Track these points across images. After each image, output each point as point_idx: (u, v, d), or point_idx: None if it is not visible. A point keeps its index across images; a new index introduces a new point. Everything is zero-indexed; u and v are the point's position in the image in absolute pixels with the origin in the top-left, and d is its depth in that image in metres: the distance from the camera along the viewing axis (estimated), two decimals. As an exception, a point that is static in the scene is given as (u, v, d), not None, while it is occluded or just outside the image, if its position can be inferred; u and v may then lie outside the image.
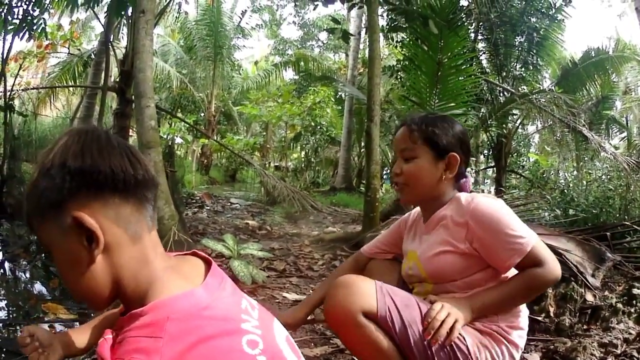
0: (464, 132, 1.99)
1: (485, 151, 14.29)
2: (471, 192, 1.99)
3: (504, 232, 1.72)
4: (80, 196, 0.90)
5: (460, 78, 6.99)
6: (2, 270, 5.86)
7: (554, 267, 1.73)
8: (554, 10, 11.31)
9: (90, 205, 0.90)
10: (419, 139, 1.91)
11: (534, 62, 11.60)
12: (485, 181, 18.02)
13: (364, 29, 16.76)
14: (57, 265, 0.97)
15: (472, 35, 10.74)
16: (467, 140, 2.02)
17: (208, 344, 0.85)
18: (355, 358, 2.26)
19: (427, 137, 1.91)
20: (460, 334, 1.67)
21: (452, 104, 6.70)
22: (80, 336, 1.42)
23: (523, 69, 11.49)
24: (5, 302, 4.75)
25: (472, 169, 14.88)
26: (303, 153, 19.03)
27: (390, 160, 17.79)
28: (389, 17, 9.50)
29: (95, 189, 0.90)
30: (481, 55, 11.48)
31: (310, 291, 4.01)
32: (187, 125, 17.45)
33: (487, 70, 11.40)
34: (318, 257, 5.46)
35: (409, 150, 1.93)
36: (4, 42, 8.35)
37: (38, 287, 5.46)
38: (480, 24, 11.06)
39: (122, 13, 8.07)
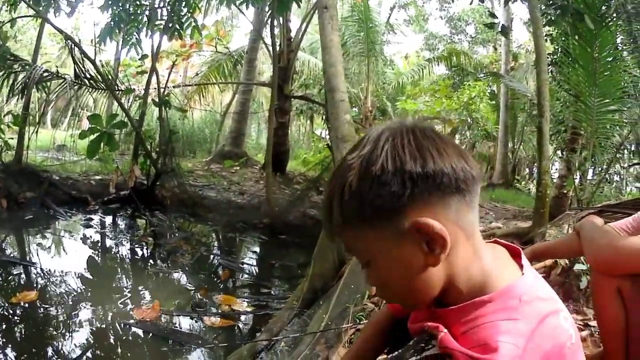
0: None
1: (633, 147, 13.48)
2: None
3: None
4: (421, 201, 0.86)
5: (613, 73, 6.93)
6: (166, 262, 6.18)
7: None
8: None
9: (432, 208, 0.86)
10: None
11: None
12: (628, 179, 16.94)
13: (511, 21, 16.48)
14: (379, 273, 0.95)
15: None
16: None
17: (545, 322, 0.88)
18: None
19: None
20: None
21: (608, 100, 6.67)
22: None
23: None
24: (172, 293, 5.05)
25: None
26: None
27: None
28: (542, 11, 9.45)
29: (437, 192, 0.86)
30: (622, 48, 11.02)
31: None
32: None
33: (629, 63, 10.93)
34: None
35: None
36: (152, 40, 9.00)
37: (205, 278, 5.70)
38: (618, 15, 10.61)
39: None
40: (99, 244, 6.82)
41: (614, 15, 8.28)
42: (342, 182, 0.88)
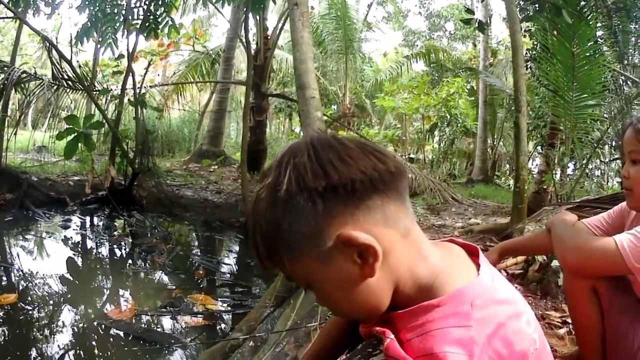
0: None
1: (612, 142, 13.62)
2: None
3: None
4: (339, 214, 0.81)
5: (592, 68, 6.99)
6: (144, 262, 6.16)
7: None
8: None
9: (353, 218, 0.82)
10: None
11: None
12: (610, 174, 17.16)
13: (490, 17, 16.57)
14: (321, 293, 0.90)
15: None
16: None
17: (504, 327, 0.83)
18: None
19: None
20: None
21: (586, 95, 6.73)
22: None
23: (643, 57, 10.92)
24: (149, 292, 5.08)
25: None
26: (438, 144, 19.13)
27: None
28: (520, 7, 9.51)
29: (354, 200, 0.81)
30: (601, 43, 11.12)
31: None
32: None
33: (609, 58, 11.04)
34: (471, 249, 5.62)
35: (637, 152, 1.81)
36: (128, 40, 8.92)
37: (182, 277, 5.67)
38: (597, 10, 10.72)
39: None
40: (78, 245, 6.80)
41: (593, 9, 8.28)
42: (258, 214, 0.85)
